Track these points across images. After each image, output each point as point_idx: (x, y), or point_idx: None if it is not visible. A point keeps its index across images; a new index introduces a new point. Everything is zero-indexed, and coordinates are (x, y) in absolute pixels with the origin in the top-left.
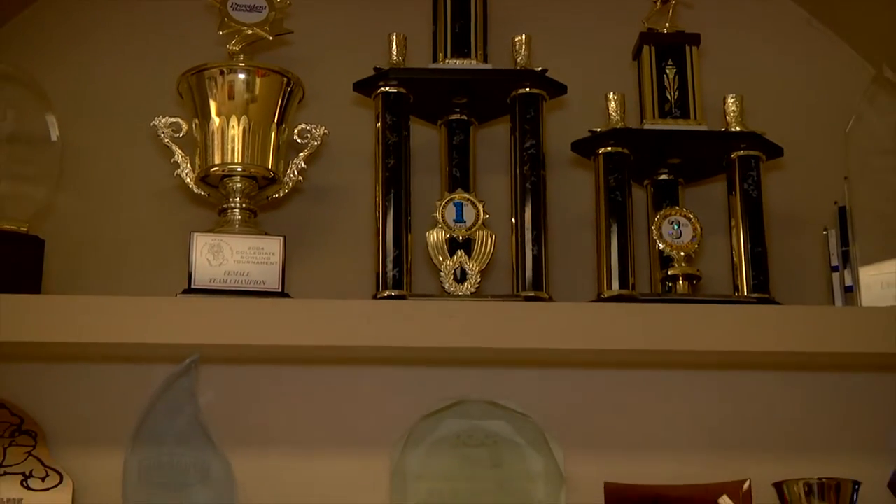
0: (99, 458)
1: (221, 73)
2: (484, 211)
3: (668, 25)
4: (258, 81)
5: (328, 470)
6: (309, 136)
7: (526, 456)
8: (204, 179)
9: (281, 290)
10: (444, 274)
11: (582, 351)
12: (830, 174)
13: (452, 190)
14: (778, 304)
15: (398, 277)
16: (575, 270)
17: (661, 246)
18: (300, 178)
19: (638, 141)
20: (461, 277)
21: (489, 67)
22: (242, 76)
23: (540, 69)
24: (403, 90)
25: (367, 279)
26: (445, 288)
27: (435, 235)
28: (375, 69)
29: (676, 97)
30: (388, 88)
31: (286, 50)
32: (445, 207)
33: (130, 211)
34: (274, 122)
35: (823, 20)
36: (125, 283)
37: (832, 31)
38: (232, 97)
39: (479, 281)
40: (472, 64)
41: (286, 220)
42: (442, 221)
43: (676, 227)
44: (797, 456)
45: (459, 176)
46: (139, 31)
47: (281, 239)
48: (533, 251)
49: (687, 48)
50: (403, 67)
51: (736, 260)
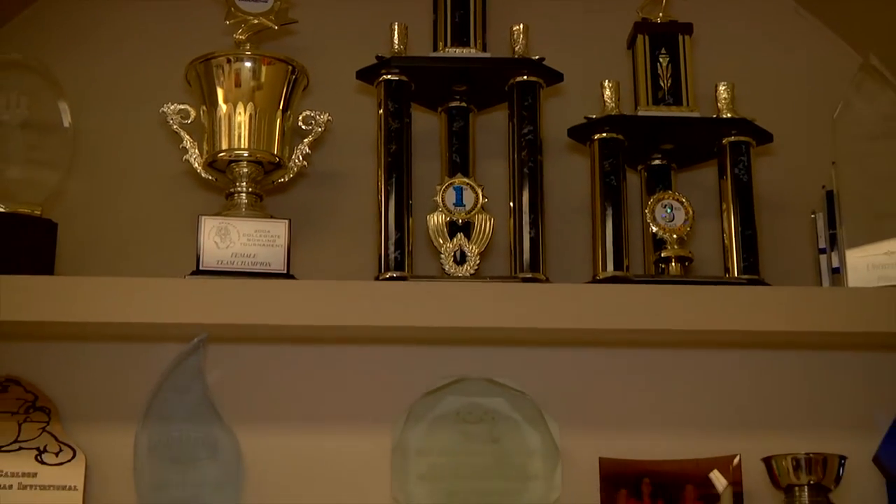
0: (110, 433)
1: (228, 61)
2: (483, 195)
3: (661, 15)
4: (264, 69)
5: (332, 445)
6: (313, 122)
7: (523, 432)
8: (211, 164)
9: (286, 271)
10: (444, 256)
11: (577, 330)
12: (818, 159)
13: (452, 175)
14: (767, 284)
15: (400, 259)
16: (571, 252)
17: (654, 229)
18: (305, 163)
19: (632, 127)
20: (461, 259)
21: (488, 56)
22: (249, 64)
23: (537, 58)
24: (405, 78)
25: (369, 261)
26: (445, 269)
27: (435, 219)
28: (377, 57)
29: (669, 85)
30: (389, 76)
31: (291, 39)
32: (445, 192)
33: (140, 195)
34: (279, 108)
35: (811, 9)
36: (135, 264)
37: (820, 20)
38: (238, 85)
39: (478, 263)
40: (471, 52)
41: (291, 203)
42: (442, 205)
43: (669, 210)
44: (785, 432)
45: (459, 161)
46: (149, 21)
47: (286, 222)
48: (530, 234)
49: (680, 37)
50: (405, 56)
51: (727, 242)
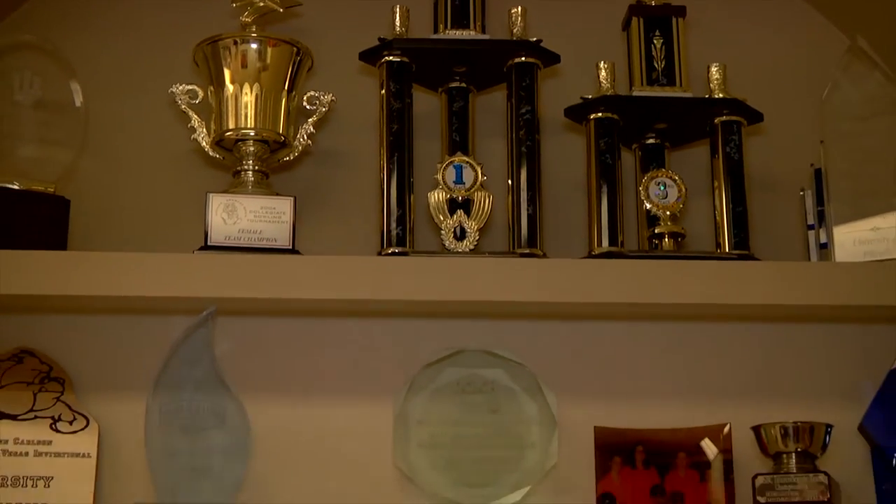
0: (122, 403)
1: (235, 43)
2: (482, 173)
3: None
4: (269, 51)
5: (336, 415)
6: (317, 102)
7: (521, 402)
8: (219, 143)
9: (291, 247)
10: (444, 232)
11: (574, 304)
12: (807, 138)
13: (452, 153)
14: (757, 259)
15: (401, 235)
16: (567, 228)
17: (648, 206)
18: (309, 142)
19: (627, 107)
20: (460, 235)
21: (487, 38)
22: (255, 46)
23: (535, 39)
24: (406, 59)
25: (372, 237)
26: (446, 245)
27: (436, 196)
28: (380, 39)
29: (663, 66)
30: (391, 58)
31: (296, 21)
32: (446, 170)
33: (150, 173)
34: (284, 89)
35: None
36: (145, 240)
37: (809, 3)
38: (245, 66)
39: (477, 239)
40: (470, 34)
41: (296, 181)
42: (442, 183)
43: (663, 188)
44: (774, 401)
45: (459, 140)
46: (158, 3)
47: (291, 199)
48: (528, 210)
49: (673, 20)
50: (406, 38)
51: (718, 219)
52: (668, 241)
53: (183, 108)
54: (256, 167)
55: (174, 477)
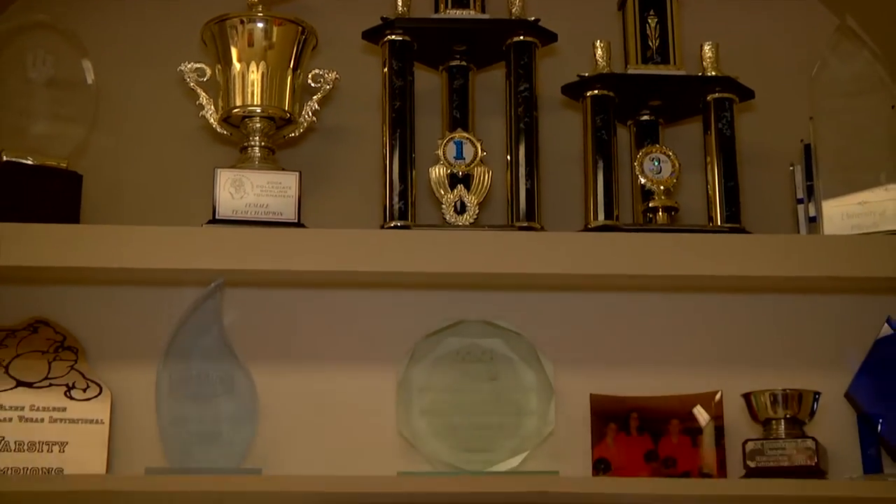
0: (134, 371)
1: (242, 22)
2: (482, 149)
3: None
4: (275, 30)
5: (341, 382)
6: (322, 80)
7: (519, 370)
8: (226, 120)
9: (297, 220)
10: (445, 206)
11: (571, 276)
12: (797, 115)
13: (453, 130)
14: (748, 233)
15: (403, 209)
16: (564, 203)
17: (642, 180)
18: (314, 118)
19: (622, 85)
20: (461, 209)
21: (486, 17)
22: (261, 25)
23: (533, 19)
24: (408, 38)
25: (375, 211)
26: (446, 219)
27: (437, 171)
28: (382, 19)
29: (658, 44)
30: (393, 37)
31: (301, 1)
32: (446, 145)
33: (160, 148)
34: (290, 67)
35: None
36: (155, 213)
37: None
38: (251, 44)
39: (477, 212)
40: (470, 14)
41: (301, 157)
42: (443, 158)
43: (657, 163)
44: (764, 370)
45: (459, 117)
46: None
47: (297, 174)
48: (526, 185)
49: (667, 0)
50: (408, 17)
51: (710, 193)
52: (661, 214)
53: (191, 85)
54: (263, 143)
55: (184, 442)
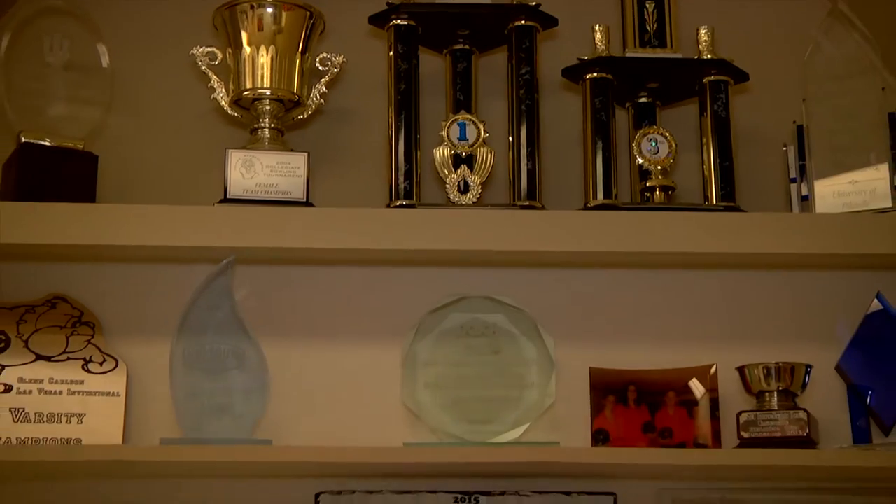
0: (149, 346)
1: (252, 7)
2: (484, 130)
3: None
4: (284, 15)
5: (348, 356)
6: (329, 63)
7: (521, 344)
8: (237, 102)
9: (306, 199)
10: (449, 186)
11: (571, 253)
12: (790, 97)
13: (456, 111)
14: (743, 211)
15: (409, 189)
16: (564, 182)
17: (640, 161)
18: (322, 101)
19: (621, 68)
20: (464, 189)
21: (488, 2)
22: (270, 10)
23: (534, 3)
24: (413, 23)
25: (381, 190)
26: (450, 198)
27: (441, 152)
28: (388, 4)
29: (655, 28)
30: (399, 21)
31: None
32: (450, 127)
33: (173, 130)
34: (298, 51)
35: None
36: (169, 193)
37: None
38: (261, 29)
39: (480, 192)
40: None
41: (310, 138)
42: (447, 139)
43: (654, 143)
44: (757, 344)
45: (462, 99)
46: None
47: (305, 154)
48: (527, 165)
49: None
50: (413, 2)
51: (706, 173)
52: (659, 193)
53: (203, 69)
54: (272, 125)
55: (197, 414)
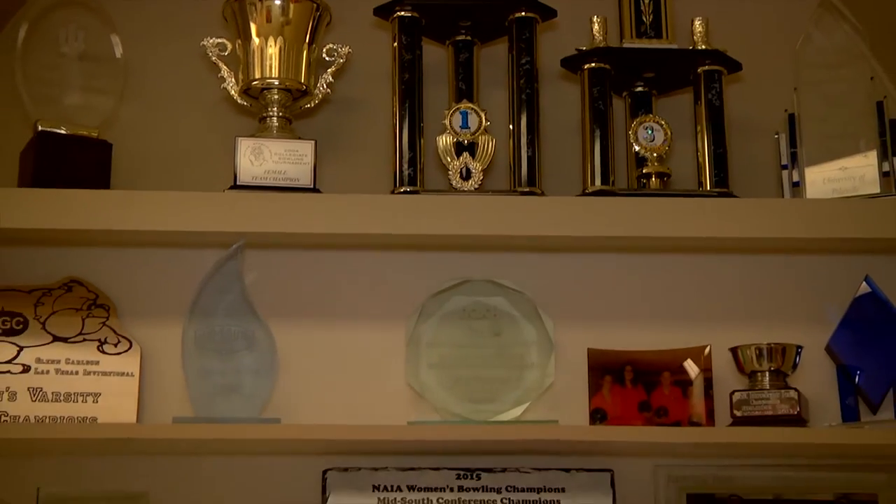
0: (162, 328)
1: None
2: (486, 118)
3: None
4: (292, 7)
5: (354, 338)
6: (336, 54)
7: (521, 326)
8: (246, 92)
9: (313, 186)
10: (451, 172)
11: (569, 237)
12: (782, 86)
13: (459, 100)
14: (736, 197)
15: (412, 175)
16: (563, 169)
17: (637, 148)
18: (328, 90)
19: (618, 58)
20: (466, 175)
21: None
22: (278, 2)
23: None
24: (416, 14)
25: (385, 177)
26: (453, 184)
27: (444, 140)
28: None
29: (651, 20)
30: (403, 13)
31: None
32: (453, 115)
33: (184, 119)
34: (305, 42)
35: None
36: (180, 180)
37: None
38: (269, 20)
39: (481, 178)
40: None
41: (316, 126)
42: (450, 127)
43: (650, 131)
44: (750, 325)
45: (465, 88)
46: None
47: (312, 142)
48: (528, 153)
49: None
50: None
51: (700, 160)
52: (654, 180)
53: (213, 59)
54: (280, 113)
55: (208, 394)
